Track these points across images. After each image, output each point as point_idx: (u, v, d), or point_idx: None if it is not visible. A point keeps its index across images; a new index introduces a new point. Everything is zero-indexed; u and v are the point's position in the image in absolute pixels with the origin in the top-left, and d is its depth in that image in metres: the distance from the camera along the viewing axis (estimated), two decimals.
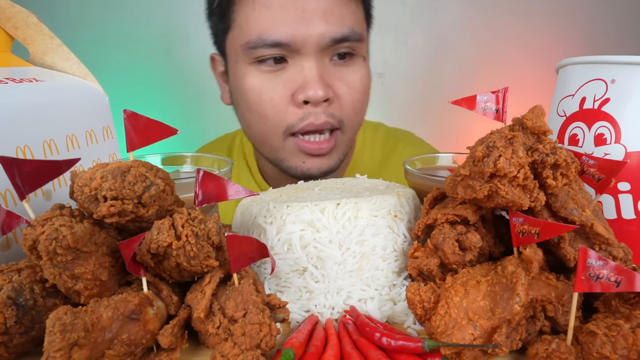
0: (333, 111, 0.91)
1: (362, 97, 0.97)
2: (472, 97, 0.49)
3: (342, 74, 0.92)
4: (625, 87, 0.54)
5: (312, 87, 0.87)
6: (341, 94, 0.92)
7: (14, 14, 0.67)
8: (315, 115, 0.89)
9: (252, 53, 0.88)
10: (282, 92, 0.89)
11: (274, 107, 0.90)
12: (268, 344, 0.42)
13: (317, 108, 0.89)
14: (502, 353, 0.41)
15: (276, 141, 0.94)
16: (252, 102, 0.91)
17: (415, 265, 0.50)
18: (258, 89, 0.90)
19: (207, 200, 0.46)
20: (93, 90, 0.73)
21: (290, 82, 0.89)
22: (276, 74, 0.90)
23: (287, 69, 0.90)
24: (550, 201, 0.46)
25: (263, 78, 0.90)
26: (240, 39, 0.90)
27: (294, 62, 0.89)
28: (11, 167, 0.41)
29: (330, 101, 0.90)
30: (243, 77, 0.91)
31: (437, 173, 0.66)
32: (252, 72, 0.90)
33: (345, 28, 0.89)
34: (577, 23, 2.38)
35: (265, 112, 0.91)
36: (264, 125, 0.93)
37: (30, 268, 0.45)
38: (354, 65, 0.94)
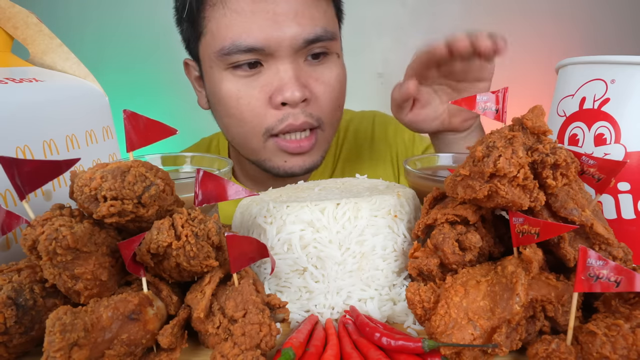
0: (311, 111, 0.92)
1: (339, 94, 0.98)
2: (471, 97, 0.49)
3: (318, 74, 0.93)
4: (625, 87, 0.54)
5: (288, 88, 0.87)
6: (318, 93, 0.93)
7: (14, 14, 0.67)
8: (294, 116, 0.90)
9: (227, 59, 0.89)
10: (259, 96, 0.90)
11: (252, 111, 0.91)
12: (268, 344, 0.42)
13: (295, 109, 0.90)
14: (502, 353, 0.41)
15: (256, 143, 0.94)
16: (230, 107, 0.92)
17: (415, 265, 0.50)
18: (235, 94, 0.91)
19: (207, 200, 0.46)
20: (93, 90, 0.73)
21: (267, 86, 0.90)
22: (252, 78, 0.90)
23: (262, 73, 0.90)
24: (550, 201, 0.46)
25: (239, 83, 0.90)
26: (213, 46, 0.90)
27: (269, 66, 0.89)
28: (11, 167, 0.41)
29: (308, 101, 0.91)
30: (219, 82, 0.92)
31: (437, 173, 0.66)
32: (228, 78, 0.91)
33: (317, 28, 0.89)
34: (577, 23, 2.38)
35: (244, 116, 0.91)
36: (242, 129, 0.93)
37: (30, 268, 0.45)
38: (329, 63, 0.95)
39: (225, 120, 0.96)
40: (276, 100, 0.88)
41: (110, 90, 0.76)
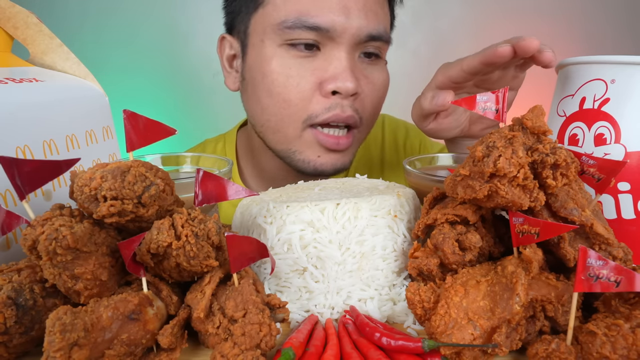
0: (357, 107, 0.90)
1: (381, 99, 0.96)
2: (472, 97, 0.49)
3: (368, 72, 0.92)
4: (625, 87, 0.54)
5: (344, 78, 0.85)
6: (366, 91, 0.91)
7: (14, 14, 0.67)
8: (342, 108, 0.87)
9: (287, 34, 0.85)
10: (310, 79, 0.87)
11: (299, 93, 0.87)
12: (268, 344, 0.42)
13: (345, 100, 0.87)
14: (502, 353, 0.41)
15: (293, 130, 0.90)
16: (276, 85, 0.88)
17: (415, 265, 0.50)
18: (285, 72, 0.87)
19: (207, 200, 0.46)
20: (93, 90, 0.73)
21: (320, 70, 0.87)
22: (306, 60, 0.87)
23: (318, 57, 0.87)
24: (550, 201, 0.47)
25: (292, 62, 0.87)
26: (274, 17, 0.86)
27: (326, 51, 0.87)
28: (11, 167, 0.41)
29: (357, 96, 0.89)
30: (269, 58, 0.88)
31: (437, 173, 0.66)
32: (281, 54, 0.87)
33: (380, 26, 0.88)
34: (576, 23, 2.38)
35: (289, 97, 0.88)
36: (285, 111, 0.89)
37: (30, 268, 0.45)
38: (378, 65, 0.94)
39: (264, 101, 0.91)
40: (327, 88, 0.86)
41: (110, 90, 0.76)
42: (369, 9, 0.86)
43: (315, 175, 0.93)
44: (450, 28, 2.42)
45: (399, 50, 2.31)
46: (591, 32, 2.35)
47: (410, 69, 2.37)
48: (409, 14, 2.45)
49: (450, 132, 0.82)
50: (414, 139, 1.21)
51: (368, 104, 0.92)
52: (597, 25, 2.34)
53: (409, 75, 2.37)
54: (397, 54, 2.50)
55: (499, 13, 2.36)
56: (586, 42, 2.35)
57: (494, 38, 0.69)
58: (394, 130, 1.22)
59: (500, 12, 2.37)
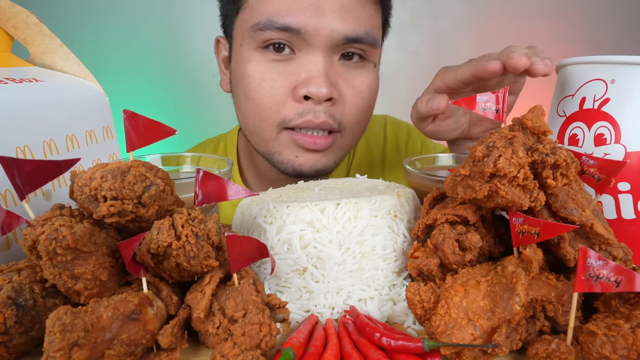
0: (334, 112, 0.88)
1: (368, 103, 0.93)
2: (472, 97, 0.49)
3: (350, 76, 0.89)
4: (625, 87, 0.54)
5: (316, 83, 0.83)
6: (346, 96, 0.88)
7: (14, 14, 0.67)
8: (314, 113, 0.86)
9: (259, 35, 0.85)
10: (282, 84, 0.86)
11: (272, 97, 0.86)
12: (268, 344, 0.42)
13: (319, 106, 0.86)
14: (502, 353, 0.41)
15: (269, 132, 0.90)
16: (250, 89, 0.87)
17: (415, 265, 0.50)
18: (259, 75, 0.86)
19: (207, 200, 0.46)
20: (93, 90, 0.73)
21: (294, 75, 0.85)
22: (280, 64, 0.86)
23: (292, 61, 0.86)
24: (550, 201, 0.47)
25: (266, 66, 0.86)
26: (249, 21, 0.86)
27: (301, 55, 0.85)
28: (11, 167, 0.41)
29: (334, 101, 0.87)
30: (246, 61, 0.88)
31: (437, 173, 0.66)
32: (256, 58, 0.87)
33: (360, 28, 0.85)
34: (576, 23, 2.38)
35: (262, 101, 0.87)
36: (258, 115, 0.89)
37: (30, 268, 0.45)
38: (364, 69, 0.91)
39: (242, 103, 0.91)
40: (299, 92, 0.84)
41: (110, 90, 0.76)
42: (346, 11, 0.83)
43: (295, 176, 0.92)
44: (451, 28, 2.42)
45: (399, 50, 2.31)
46: (591, 32, 2.35)
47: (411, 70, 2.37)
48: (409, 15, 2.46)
49: (449, 134, 0.82)
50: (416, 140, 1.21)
51: (350, 108, 0.90)
52: (597, 26, 2.34)
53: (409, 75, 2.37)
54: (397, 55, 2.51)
55: (499, 13, 2.37)
56: (586, 42, 2.35)
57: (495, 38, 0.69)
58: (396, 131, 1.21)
59: (501, 13, 2.37)
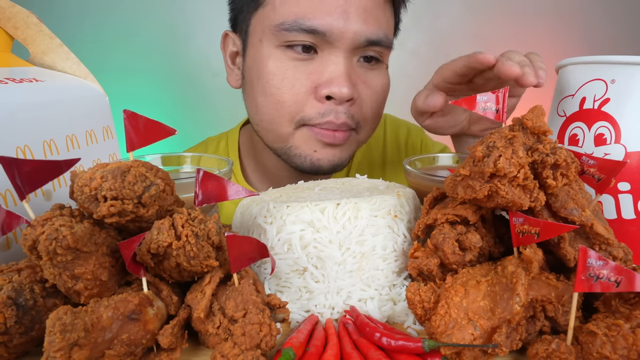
0: (354, 113, 0.89)
1: (381, 104, 0.96)
2: (472, 97, 0.49)
3: (367, 77, 0.90)
4: (625, 87, 0.54)
5: (339, 83, 0.84)
6: (364, 96, 0.90)
7: (14, 14, 0.67)
8: (336, 114, 0.87)
9: (284, 36, 0.85)
10: (305, 82, 0.86)
11: (293, 95, 0.86)
12: (268, 344, 0.42)
13: (340, 106, 0.87)
14: (502, 353, 0.41)
15: (286, 129, 0.90)
16: (271, 85, 0.87)
17: (415, 265, 0.50)
18: (281, 73, 0.86)
19: (207, 200, 0.46)
20: (93, 90, 0.73)
21: (316, 74, 0.86)
22: (303, 63, 0.86)
23: (314, 60, 0.86)
24: (550, 201, 0.47)
25: (288, 64, 0.86)
26: (272, 19, 0.86)
27: (323, 55, 0.86)
28: (11, 167, 0.41)
29: (353, 102, 0.88)
30: (266, 59, 0.87)
31: (437, 173, 0.66)
32: (277, 55, 0.87)
33: (381, 32, 0.87)
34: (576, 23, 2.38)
35: (283, 98, 0.87)
36: (276, 112, 0.89)
37: (30, 268, 0.45)
38: (379, 70, 0.93)
39: (259, 100, 0.91)
40: (322, 92, 0.85)
41: (110, 90, 0.76)
42: (369, 14, 0.85)
43: (312, 172, 0.93)
44: (450, 28, 2.42)
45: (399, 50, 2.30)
46: (591, 32, 2.35)
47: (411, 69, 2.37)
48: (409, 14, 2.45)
49: (447, 130, 0.84)
50: (415, 138, 1.21)
51: (366, 108, 0.91)
52: (597, 26, 2.34)
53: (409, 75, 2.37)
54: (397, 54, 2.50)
55: (499, 13, 2.37)
56: (586, 42, 2.35)
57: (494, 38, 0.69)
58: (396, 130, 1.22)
59: (500, 13, 2.37)
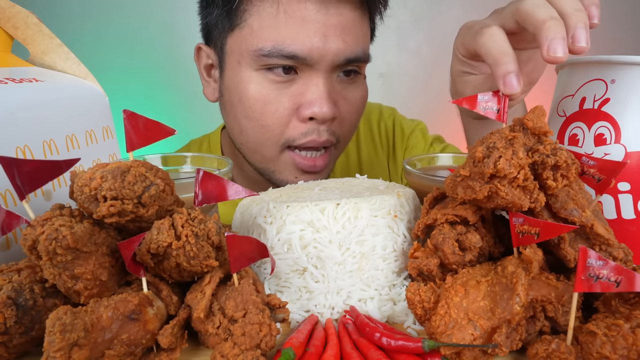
0: (335, 129, 0.90)
1: (360, 114, 0.97)
2: (473, 96, 0.50)
3: (346, 92, 0.91)
4: (625, 87, 0.54)
5: (320, 104, 0.85)
6: (344, 112, 0.91)
7: (14, 14, 0.67)
8: (318, 133, 0.88)
9: (263, 60, 0.85)
10: (287, 105, 0.87)
11: (277, 119, 0.87)
12: (268, 344, 0.42)
13: (322, 126, 0.88)
14: (502, 353, 0.41)
15: (271, 152, 0.91)
16: (254, 110, 0.88)
17: (415, 265, 0.50)
18: (263, 98, 0.87)
19: (207, 200, 0.46)
20: (93, 90, 0.73)
21: (297, 96, 0.86)
22: (284, 85, 0.86)
23: (295, 81, 0.87)
24: (551, 202, 0.46)
25: (270, 88, 0.86)
26: (251, 43, 0.85)
27: (304, 75, 0.86)
28: (11, 167, 0.41)
29: (334, 119, 0.89)
30: (246, 82, 0.87)
31: (437, 173, 0.66)
32: (258, 80, 0.87)
33: (359, 48, 0.88)
34: None
35: (267, 123, 0.88)
36: (261, 135, 0.90)
37: (30, 268, 0.45)
38: (357, 83, 0.93)
39: (243, 123, 0.91)
40: (305, 114, 0.86)
41: (110, 90, 0.76)
42: (347, 33, 0.85)
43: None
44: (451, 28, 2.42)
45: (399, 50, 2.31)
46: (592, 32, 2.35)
47: (411, 69, 2.37)
48: (409, 15, 2.45)
49: None
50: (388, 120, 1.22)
51: (346, 123, 0.93)
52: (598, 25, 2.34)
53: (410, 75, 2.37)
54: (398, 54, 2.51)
55: None
56: None
57: None
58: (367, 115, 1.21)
59: None
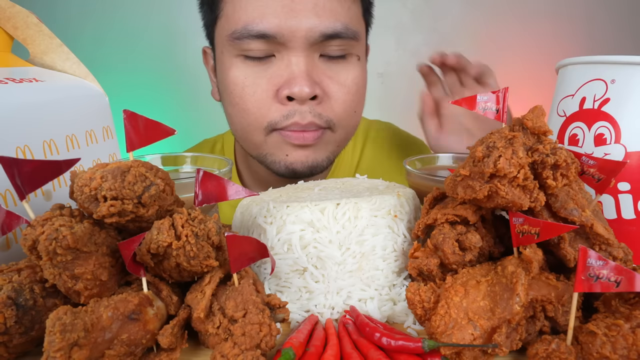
0: (321, 111, 0.87)
1: (355, 97, 0.92)
2: (472, 97, 0.50)
3: (333, 72, 0.88)
4: (625, 87, 0.54)
5: (297, 82, 0.82)
6: (331, 92, 0.87)
7: (14, 14, 0.67)
8: (300, 114, 0.85)
9: (238, 45, 0.84)
10: (266, 87, 0.85)
11: (256, 102, 0.86)
12: (268, 344, 0.42)
13: (303, 106, 0.85)
14: (502, 353, 0.41)
15: (257, 136, 0.90)
16: (234, 95, 0.87)
17: (415, 265, 0.50)
18: (241, 81, 0.86)
19: (207, 200, 0.46)
20: (93, 90, 0.73)
21: (276, 77, 0.85)
22: (261, 68, 0.85)
23: (273, 63, 0.85)
24: (550, 201, 0.46)
25: (248, 71, 0.86)
26: (227, 29, 0.86)
27: (281, 57, 0.84)
28: (11, 167, 0.41)
29: (319, 100, 0.86)
30: (228, 69, 0.87)
31: (437, 173, 0.66)
32: (237, 64, 0.86)
33: (338, 23, 0.84)
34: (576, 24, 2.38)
35: (247, 107, 0.87)
36: (245, 121, 0.89)
37: (30, 268, 0.45)
38: (347, 64, 0.90)
39: (228, 110, 0.91)
40: (282, 94, 0.84)
41: (110, 90, 0.76)
42: (320, 7, 0.82)
43: (289, 176, 0.92)
44: (451, 28, 2.42)
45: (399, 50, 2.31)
46: (592, 32, 2.35)
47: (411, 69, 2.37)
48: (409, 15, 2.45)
49: None
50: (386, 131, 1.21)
51: (337, 105, 0.88)
52: (597, 25, 2.34)
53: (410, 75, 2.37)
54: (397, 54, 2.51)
55: (499, 14, 2.37)
56: (586, 42, 2.35)
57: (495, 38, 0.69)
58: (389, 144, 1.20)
59: (501, 13, 2.37)
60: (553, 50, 2.24)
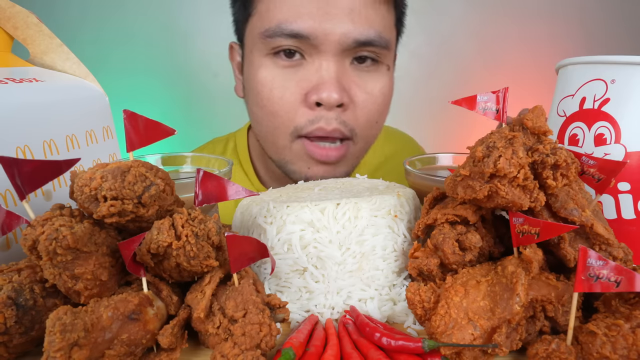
0: (346, 119, 0.86)
1: (380, 108, 0.91)
2: (472, 97, 0.49)
3: (362, 80, 0.87)
4: (625, 87, 0.54)
5: (327, 88, 0.82)
6: (358, 101, 0.87)
7: (14, 14, 0.67)
8: (326, 120, 0.84)
9: (269, 42, 0.84)
10: (294, 90, 0.85)
11: (283, 105, 0.85)
12: (268, 344, 0.42)
13: (330, 112, 0.84)
14: (502, 353, 0.41)
15: (282, 141, 0.89)
16: (262, 97, 0.86)
17: (415, 265, 0.50)
18: (270, 82, 0.85)
19: (207, 200, 0.46)
20: (93, 90, 0.73)
21: (305, 81, 0.84)
22: (291, 70, 0.85)
23: (303, 66, 0.85)
24: (550, 201, 0.46)
25: (277, 72, 0.85)
26: (259, 27, 0.85)
27: (312, 60, 0.84)
28: (11, 167, 0.41)
29: (345, 107, 0.85)
30: (257, 68, 0.87)
31: (437, 173, 0.66)
32: (266, 64, 0.86)
33: (371, 31, 0.84)
34: (576, 24, 2.38)
35: (274, 109, 0.86)
36: (271, 123, 0.88)
37: (30, 268, 0.45)
38: (376, 73, 0.89)
39: (254, 110, 0.90)
40: (311, 99, 0.83)
41: (110, 90, 0.76)
42: (356, 14, 0.82)
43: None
44: (452, 29, 2.42)
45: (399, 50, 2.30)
46: (591, 32, 2.35)
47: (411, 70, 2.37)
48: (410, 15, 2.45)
49: None
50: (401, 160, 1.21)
51: (361, 114, 0.88)
52: (597, 26, 2.34)
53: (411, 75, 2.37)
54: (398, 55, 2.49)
55: (500, 13, 2.36)
56: (586, 42, 2.35)
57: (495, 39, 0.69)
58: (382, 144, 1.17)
59: (502, 13, 2.36)
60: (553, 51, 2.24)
